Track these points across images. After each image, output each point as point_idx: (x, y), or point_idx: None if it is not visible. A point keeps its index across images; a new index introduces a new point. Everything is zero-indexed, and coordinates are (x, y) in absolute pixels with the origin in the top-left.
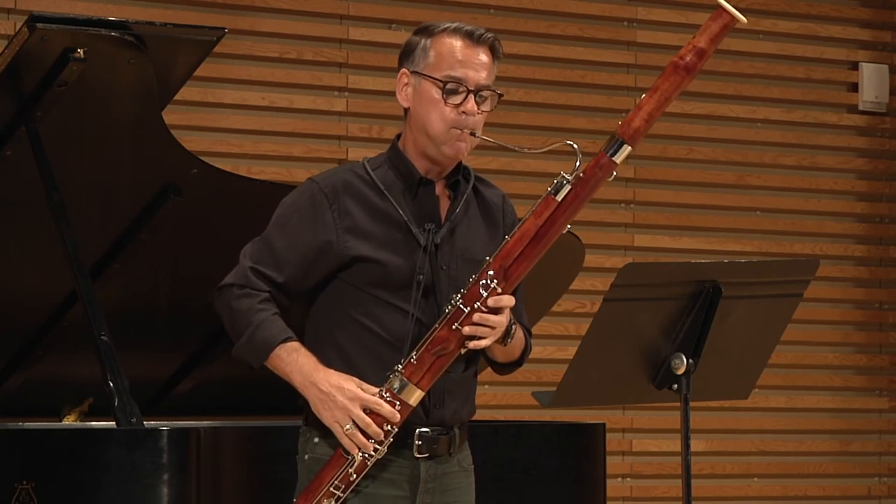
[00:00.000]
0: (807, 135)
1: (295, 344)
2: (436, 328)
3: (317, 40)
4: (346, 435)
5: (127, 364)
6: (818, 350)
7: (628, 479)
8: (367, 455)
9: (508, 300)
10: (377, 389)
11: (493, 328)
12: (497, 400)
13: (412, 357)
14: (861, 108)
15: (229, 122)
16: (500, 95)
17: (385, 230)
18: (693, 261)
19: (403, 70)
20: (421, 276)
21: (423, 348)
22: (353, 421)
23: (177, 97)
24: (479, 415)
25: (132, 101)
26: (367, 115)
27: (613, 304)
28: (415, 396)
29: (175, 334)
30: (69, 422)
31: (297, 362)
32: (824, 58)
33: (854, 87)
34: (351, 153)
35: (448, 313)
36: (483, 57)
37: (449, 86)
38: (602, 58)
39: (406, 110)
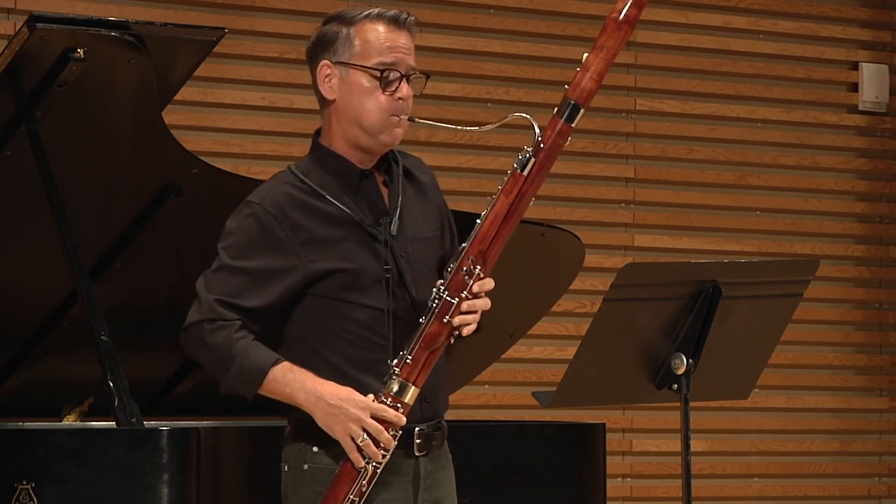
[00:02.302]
0: (807, 135)
1: (287, 364)
2: (425, 323)
3: None
4: (361, 446)
5: (127, 364)
6: (818, 350)
7: (628, 479)
8: (377, 464)
9: (490, 282)
10: (373, 396)
11: (477, 312)
12: (497, 400)
13: (406, 357)
14: (861, 108)
15: (229, 122)
16: (427, 77)
17: (340, 233)
18: (693, 261)
19: (325, 62)
20: (388, 272)
21: (417, 346)
22: (366, 431)
23: (177, 97)
24: (479, 415)
25: (132, 101)
26: None
27: (613, 304)
28: (411, 395)
29: (175, 334)
30: (69, 422)
31: (295, 381)
32: (824, 58)
33: (854, 87)
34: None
35: (436, 306)
36: (407, 40)
37: (384, 73)
38: None
39: (326, 103)
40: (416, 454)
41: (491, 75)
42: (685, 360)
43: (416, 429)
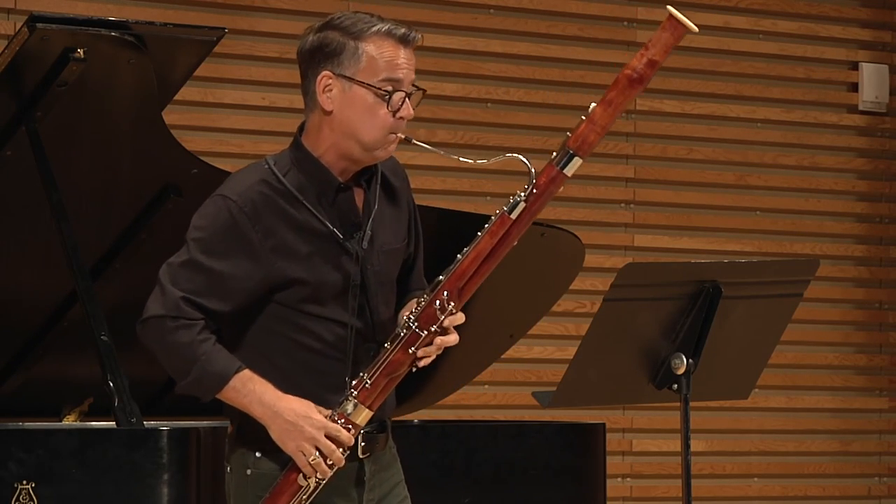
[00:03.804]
0: (807, 135)
1: (248, 373)
2: (390, 350)
3: None
4: (311, 464)
5: (127, 364)
6: (818, 350)
7: (628, 479)
8: (320, 479)
9: (461, 317)
10: (329, 412)
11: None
12: (497, 400)
13: (366, 381)
14: (861, 108)
15: (229, 122)
16: (424, 92)
17: (310, 244)
18: (693, 261)
19: (327, 72)
20: (356, 286)
21: (378, 372)
22: (319, 450)
23: (177, 97)
24: (479, 415)
25: (132, 101)
26: None
27: (613, 304)
28: (363, 416)
29: None
30: (69, 422)
31: (255, 392)
32: (824, 58)
33: (854, 87)
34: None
35: (403, 336)
36: (411, 57)
37: (389, 93)
38: (602, 58)
39: (320, 111)
40: (360, 456)
41: (491, 75)
42: (685, 360)
43: (361, 431)
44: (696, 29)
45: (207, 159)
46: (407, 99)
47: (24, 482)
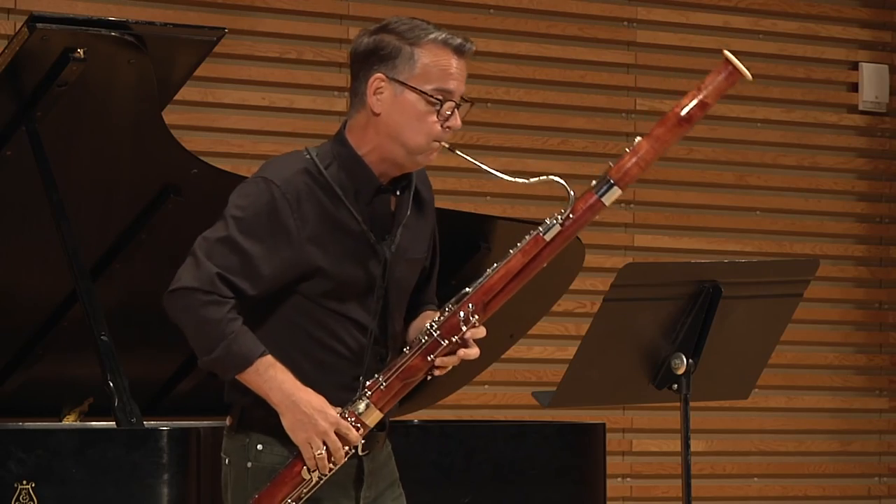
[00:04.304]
0: (807, 135)
1: (270, 359)
2: (409, 355)
3: (317, 40)
4: (316, 458)
5: (127, 364)
6: (818, 350)
7: (628, 479)
8: (322, 476)
9: (482, 332)
10: (340, 410)
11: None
12: (497, 400)
13: (381, 383)
14: (861, 108)
15: (229, 122)
16: (472, 104)
17: (342, 240)
18: (693, 261)
19: (379, 75)
20: (381, 289)
21: (395, 376)
22: (326, 445)
23: (177, 97)
24: (479, 415)
25: (132, 101)
26: None
27: (613, 304)
28: (373, 418)
29: (175, 334)
30: (69, 422)
31: (275, 379)
32: (824, 58)
33: (854, 87)
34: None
35: (424, 343)
36: (464, 68)
37: (440, 102)
38: (602, 58)
39: (367, 112)
40: (360, 454)
41: (491, 75)
42: (685, 360)
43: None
44: (750, 77)
45: (207, 159)
46: (457, 110)
47: (24, 482)
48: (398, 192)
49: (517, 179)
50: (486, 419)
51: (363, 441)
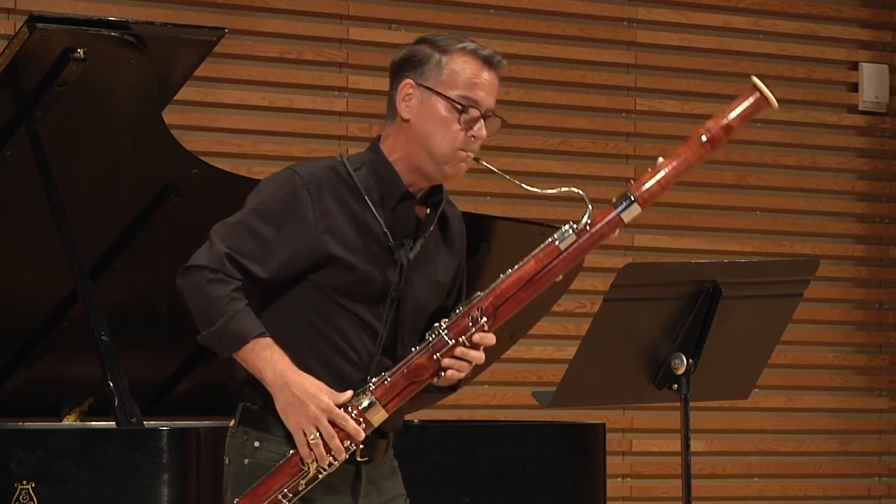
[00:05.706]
0: (807, 135)
1: (269, 340)
2: (415, 354)
3: (317, 40)
4: (310, 444)
5: (127, 364)
6: (818, 350)
7: (628, 479)
8: (321, 468)
9: (492, 339)
10: (342, 400)
11: (469, 363)
12: (497, 400)
13: (386, 378)
14: (861, 108)
15: (229, 122)
16: (503, 121)
17: (361, 240)
18: (693, 261)
19: (409, 80)
20: (395, 293)
21: (399, 373)
22: (320, 431)
23: (177, 97)
24: (479, 415)
25: (132, 101)
26: (367, 115)
27: (613, 304)
28: (378, 417)
29: (175, 334)
30: (69, 422)
31: (270, 359)
32: (824, 58)
33: (854, 87)
34: (351, 153)
35: (431, 341)
36: (494, 81)
37: (465, 108)
38: (602, 58)
39: (399, 119)
40: (359, 459)
41: None
42: (685, 360)
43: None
44: (776, 105)
45: (207, 159)
46: (482, 120)
47: (24, 482)
48: (426, 208)
49: (546, 191)
50: (487, 419)
51: (361, 447)
